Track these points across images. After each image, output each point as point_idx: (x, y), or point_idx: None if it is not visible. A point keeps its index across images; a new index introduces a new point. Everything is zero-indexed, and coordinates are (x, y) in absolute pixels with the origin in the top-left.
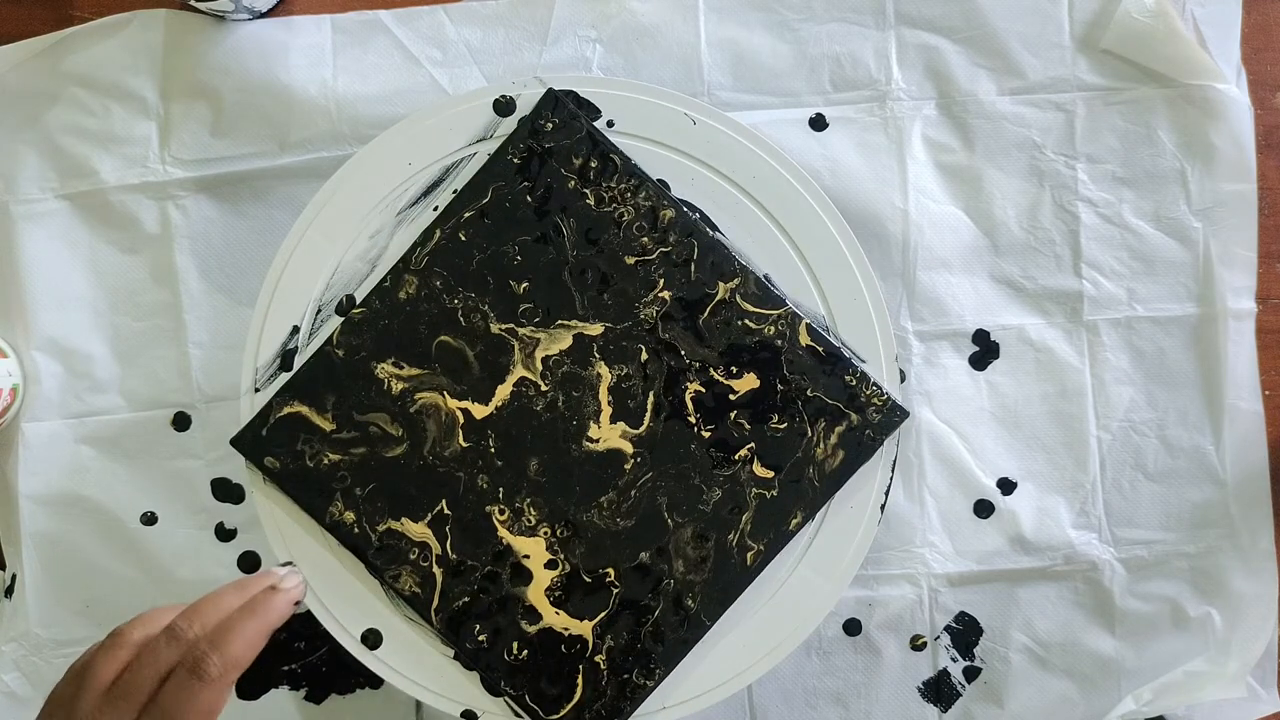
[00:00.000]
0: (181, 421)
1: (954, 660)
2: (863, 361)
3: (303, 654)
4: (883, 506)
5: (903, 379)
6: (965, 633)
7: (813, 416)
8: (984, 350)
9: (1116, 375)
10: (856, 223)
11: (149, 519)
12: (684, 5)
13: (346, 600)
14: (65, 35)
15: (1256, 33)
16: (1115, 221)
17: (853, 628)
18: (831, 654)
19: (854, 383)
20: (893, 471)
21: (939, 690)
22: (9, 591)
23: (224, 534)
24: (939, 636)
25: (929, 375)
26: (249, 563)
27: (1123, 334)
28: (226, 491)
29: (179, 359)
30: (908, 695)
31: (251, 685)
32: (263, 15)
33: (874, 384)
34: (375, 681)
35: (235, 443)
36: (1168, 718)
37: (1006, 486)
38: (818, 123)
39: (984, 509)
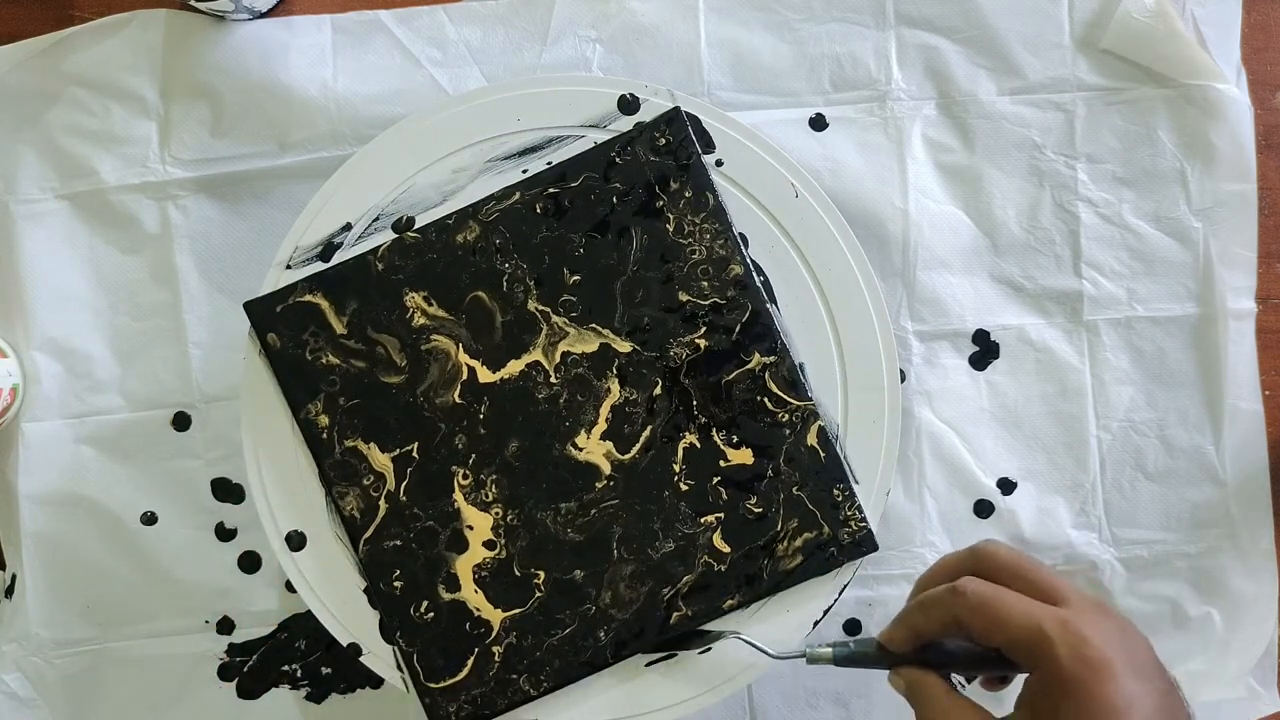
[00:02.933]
0: (181, 421)
1: None
2: (857, 482)
3: (303, 654)
4: (816, 623)
5: (903, 379)
6: None
7: (788, 514)
8: (984, 350)
9: (1116, 375)
10: (856, 223)
11: (149, 519)
12: (684, 5)
13: (287, 496)
14: (65, 35)
15: (1256, 33)
16: (1115, 221)
17: (853, 628)
18: None
19: (840, 498)
20: (838, 596)
21: None
22: (9, 591)
23: (224, 534)
24: None
25: (929, 375)
26: (249, 562)
27: (1123, 334)
28: (226, 491)
29: (179, 359)
30: None
31: (251, 685)
32: (263, 15)
33: (858, 507)
34: (376, 681)
35: (248, 306)
36: None
37: (1006, 486)
38: (818, 123)
39: (984, 509)
